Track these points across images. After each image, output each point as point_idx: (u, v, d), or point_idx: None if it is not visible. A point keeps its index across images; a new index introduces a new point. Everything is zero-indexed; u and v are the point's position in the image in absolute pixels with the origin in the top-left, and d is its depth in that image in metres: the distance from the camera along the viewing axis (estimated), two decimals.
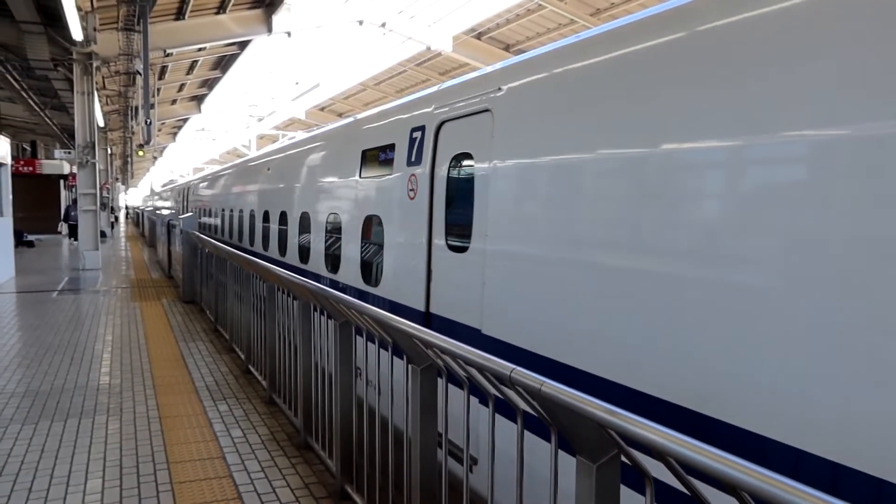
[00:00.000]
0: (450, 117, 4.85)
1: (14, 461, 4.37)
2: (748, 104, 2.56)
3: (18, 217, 17.54)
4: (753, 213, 2.50)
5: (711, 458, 1.36)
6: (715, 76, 2.75)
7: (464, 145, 4.63)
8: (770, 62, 2.49)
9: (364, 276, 6.27)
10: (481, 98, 4.42)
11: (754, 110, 2.53)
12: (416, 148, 5.33)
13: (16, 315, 9.96)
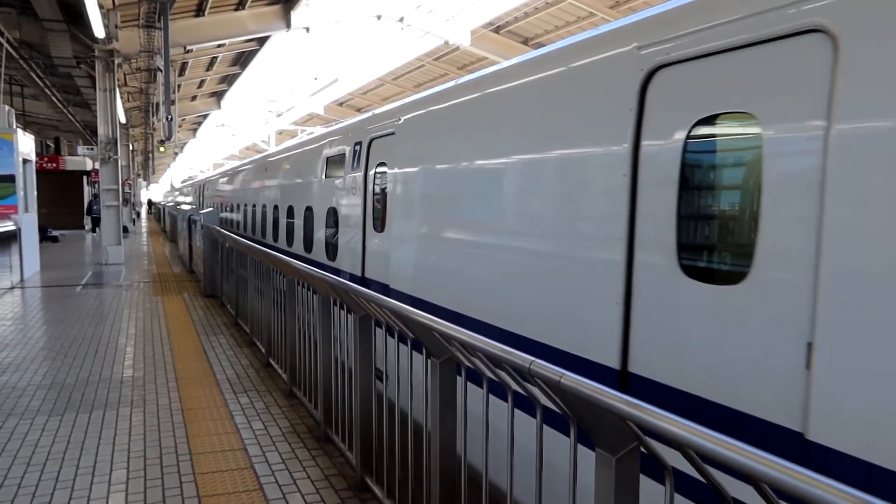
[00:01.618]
0: (376, 136, 6.57)
1: (41, 451, 4.46)
2: (541, 133, 3.97)
3: (43, 213, 17.82)
4: (538, 204, 3.93)
5: (733, 450, 1.35)
6: (518, 114, 4.24)
7: (382, 157, 6.37)
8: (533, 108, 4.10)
9: (327, 253, 8.08)
10: (391, 124, 6.22)
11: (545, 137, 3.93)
12: (357, 157, 7.09)
13: (41, 309, 10.13)
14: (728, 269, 2.70)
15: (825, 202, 2.29)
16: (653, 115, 3.08)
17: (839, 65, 2.24)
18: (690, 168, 2.88)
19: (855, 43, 2.20)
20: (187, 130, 45.88)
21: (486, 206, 4.50)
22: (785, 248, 2.44)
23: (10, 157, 13.96)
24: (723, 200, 2.80)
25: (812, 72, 2.34)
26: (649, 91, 3.11)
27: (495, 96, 4.63)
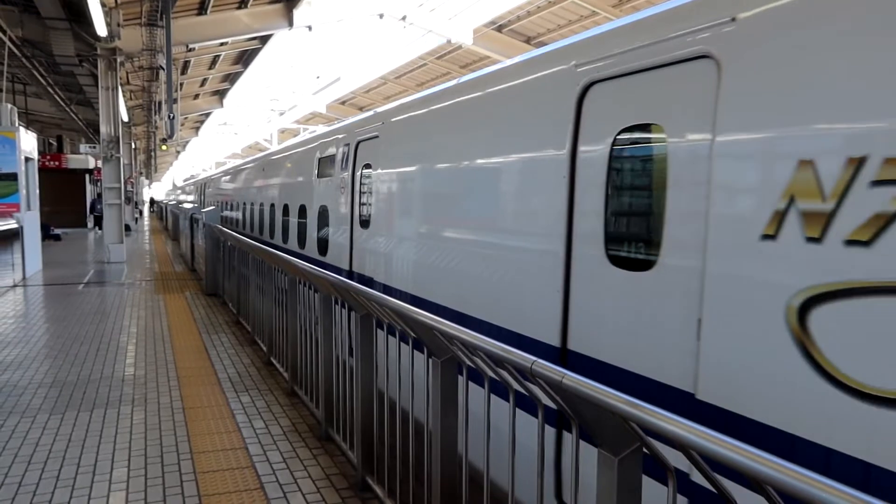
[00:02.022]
0: (362, 139, 6.97)
1: (42, 450, 4.46)
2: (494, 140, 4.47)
3: (45, 211, 17.84)
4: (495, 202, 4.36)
5: (736, 451, 1.34)
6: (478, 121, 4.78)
7: (368, 158, 6.76)
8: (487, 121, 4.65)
9: (318, 249, 8.43)
10: (375, 127, 6.65)
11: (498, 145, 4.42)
12: (345, 158, 7.49)
13: (43, 307, 10.14)
14: (642, 258, 3.11)
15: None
16: (587, 124, 3.52)
17: (721, 84, 2.67)
18: (614, 171, 3.31)
19: (733, 66, 2.63)
20: (190, 129, 45.91)
21: (452, 204, 5.01)
22: (682, 239, 2.85)
23: (13, 155, 13.96)
24: (638, 199, 3.22)
25: (702, 90, 2.76)
26: (584, 103, 3.54)
27: (460, 105, 5.18)
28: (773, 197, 2.41)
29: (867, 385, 2.10)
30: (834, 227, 2.21)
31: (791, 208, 2.35)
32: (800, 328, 2.30)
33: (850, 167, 2.17)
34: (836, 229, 2.20)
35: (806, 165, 2.31)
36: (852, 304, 2.16)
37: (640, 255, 3.13)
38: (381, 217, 6.31)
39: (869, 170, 2.12)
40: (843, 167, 2.19)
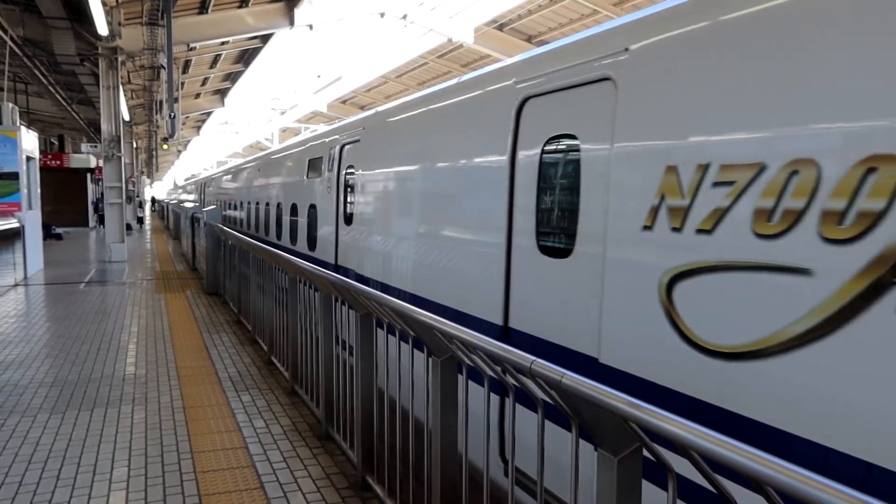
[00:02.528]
0: (346, 142, 7.60)
1: (42, 449, 4.46)
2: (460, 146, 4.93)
3: (46, 210, 17.86)
4: (453, 200, 4.96)
5: (736, 452, 1.33)
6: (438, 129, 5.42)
7: (351, 160, 7.38)
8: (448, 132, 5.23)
9: (308, 244, 8.95)
10: (357, 132, 7.28)
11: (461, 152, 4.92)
12: (331, 160, 8.06)
13: (44, 306, 10.15)
14: (563, 248, 3.64)
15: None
16: (523, 133, 4.08)
17: (617, 101, 3.24)
18: (542, 174, 3.87)
19: (624, 87, 3.22)
20: (191, 128, 45.92)
21: (417, 202, 5.66)
22: (590, 230, 3.41)
23: (14, 154, 13.97)
24: (560, 197, 3.75)
25: (604, 106, 3.34)
26: (522, 115, 4.09)
27: (425, 114, 5.85)
28: (650, 195, 2.97)
29: (711, 343, 2.63)
30: (689, 219, 2.76)
31: (662, 204, 2.91)
32: (667, 301, 2.85)
33: (699, 171, 2.72)
34: (690, 221, 2.75)
35: (671, 170, 2.87)
36: (700, 279, 2.70)
37: (561, 244, 3.66)
38: (360, 214, 6.96)
39: (711, 173, 2.66)
40: (694, 171, 2.75)
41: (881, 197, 2.07)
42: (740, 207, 2.54)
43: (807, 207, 2.30)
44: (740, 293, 2.54)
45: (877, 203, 2.08)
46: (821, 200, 2.26)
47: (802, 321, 2.29)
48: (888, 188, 2.04)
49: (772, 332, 2.41)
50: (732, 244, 2.57)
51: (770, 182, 2.43)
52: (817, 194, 2.27)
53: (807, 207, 2.30)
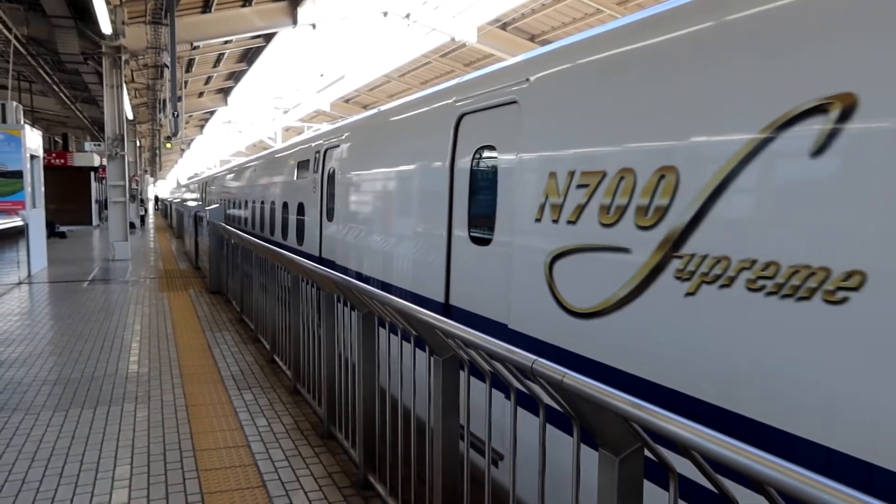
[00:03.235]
0: (328, 147, 8.48)
1: (45, 447, 4.47)
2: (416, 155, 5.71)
3: (50, 209, 17.90)
4: (407, 200, 5.85)
5: (738, 452, 1.33)
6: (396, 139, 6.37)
7: (332, 163, 8.23)
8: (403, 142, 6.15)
9: (297, 239, 9.77)
10: (337, 137, 8.19)
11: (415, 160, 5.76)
12: (316, 163, 8.95)
13: (48, 305, 10.18)
14: (486, 238, 4.43)
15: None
16: (459, 144, 4.90)
17: (521, 120, 4.05)
18: (472, 177, 4.70)
19: (526, 109, 4.04)
20: (194, 127, 45.98)
21: (381, 200, 6.62)
22: (503, 224, 4.19)
23: (18, 152, 14.00)
24: (483, 197, 4.55)
25: (513, 123, 4.15)
26: (459, 129, 4.91)
27: (389, 124, 6.77)
28: (540, 195, 3.77)
29: (573, 306, 3.46)
30: (563, 213, 3.56)
31: (546, 202, 3.71)
32: (549, 276, 3.66)
33: (569, 177, 3.55)
34: (563, 214, 3.56)
35: (552, 175, 3.68)
36: (568, 259, 3.52)
37: (485, 235, 4.44)
38: (339, 211, 7.83)
39: (576, 178, 3.48)
40: (566, 177, 3.57)
41: (666, 196, 2.89)
42: (592, 204, 3.36)
43: (628, 203, 3.12)
44: (591, 268, 3.36)
45: (664, 200, 2.90)
46: (636, 199, 3.07)
47: (625, 286, 3.10)
48: (669, 190, 2.88)
49: (609, 295, 3.21)
50: (587, 231, 3.38)
51: (608, 185, 3.26)
52: (634, 194, 3.08)
53: (628, 203, 3.12)
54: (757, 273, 2.46)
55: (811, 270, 2.28)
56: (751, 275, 2.48)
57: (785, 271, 2.36)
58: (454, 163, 4.93)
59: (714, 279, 2.64)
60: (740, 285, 2.52)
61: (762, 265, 2.45)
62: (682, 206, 2.80)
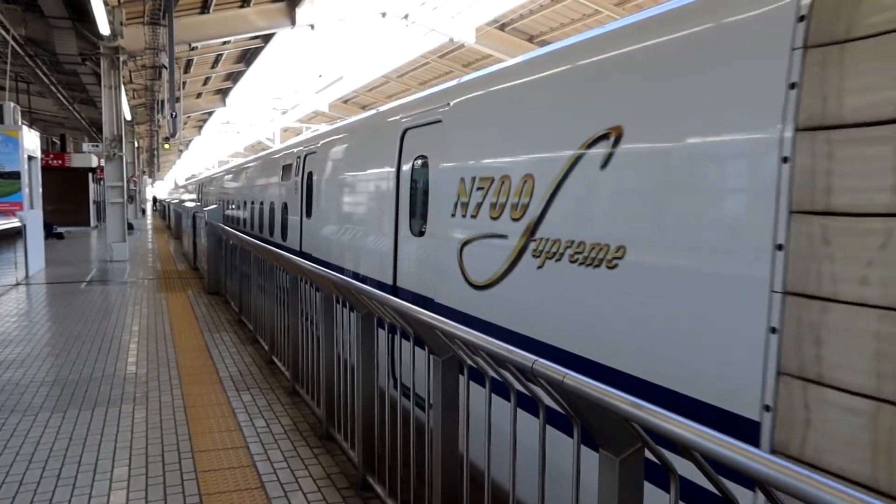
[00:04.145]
0: (308, 152, 9.54)
1: (43, 448, 4.46)
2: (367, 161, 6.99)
3: (48, 209, 17.86)
4: (366, 200, 7.02)
5: (739, 453, 1.33)
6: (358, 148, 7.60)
7: (310, 167, 9.31)
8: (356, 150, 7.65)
9: (282, 235, 10.87)
10: (315, 145, 9.27)
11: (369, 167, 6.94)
12: (297, 167, 10.07)
13: (46, 306, 10.16)
14: (421, 230, 5.39)
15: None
16: (403, 154, 5.92)
17: (445, 135, 5.05)
18: (412, 181, 5.69)
19: (447, 127, 5.05)
20: (192, 128, 45.94)
21: (347, 200, 7.66)
22: (432, 219, 5.18)
23: (16, 153, 13.99)
24: (419, 197, 5.52)
25: (439, 138, 5.16)
26: (404, 141, 5.92)
27: (350, 136, 8.06)
28: (454, 195, 4.76)
29: (475, 281, 4.40)
30: (468, 210, 4.53)
31: (458, 201, 4.70)
32: (460, 259, 4.62)
33: (471, 182, 4.52)
34: (468, 211, 4.52)
35: (461, 180, 4.68)
36: (471, 245, 4.49)
37: (422, 229, 5.38)
38: (315, 209, 8.94)
39: (476, 183, 4.46)
40: (469, 181, 4.56)
41: (527, 196, 3.87)
42: (485, 202, 4.32)
43: (506, 201, 4.08)
44: (484, 251, 4.33)
45: (525, 198, 3.89)
46: (511, 198, 4.04)
47: (504, 263, 4.06)
48: (529, 191, 3.85)
49: (494, 272, 4.18)
50: (482, 224, 4.34)
51: (495, 188, 4.23)
52: (510, 195, 4.05)
53: (506, 201, 4.08)
54: (574, 249, 3.47)
55: (602, 245, 3.27)
56: (571, 250, 3.50)
57: (588, 247, 3.37)
58: (399, 169, 5.94)
59: (552, 255, 3.65)
60: (566, 258, 3.53)
61: (577, 244, 3.46)
62: (536, 203, 3.79)
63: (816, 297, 2.26)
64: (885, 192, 2.10)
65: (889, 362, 2.05)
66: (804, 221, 2.33)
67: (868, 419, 2.08)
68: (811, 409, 2.23)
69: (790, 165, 2.38)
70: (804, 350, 2.28)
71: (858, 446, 2.09)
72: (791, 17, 2.44)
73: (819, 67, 2.33)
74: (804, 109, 2.36)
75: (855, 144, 2.20)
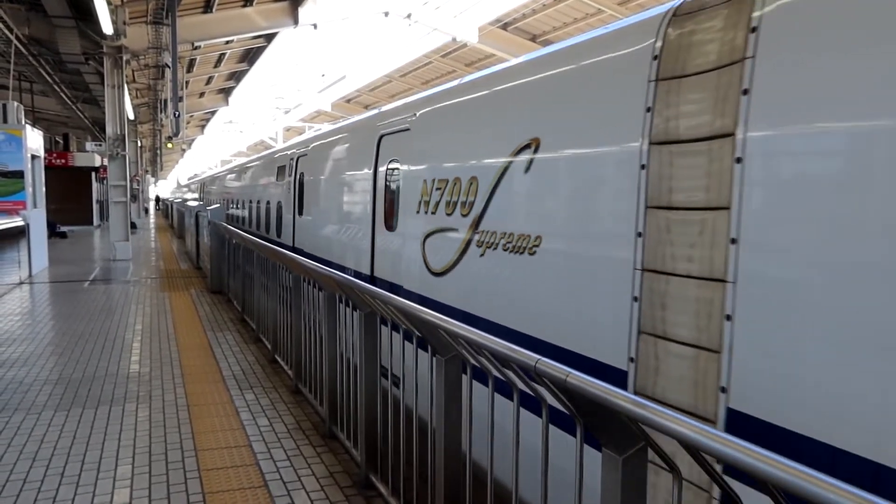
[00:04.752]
0: (299, 155, 10.48)
1: (47, 447, 4.47)
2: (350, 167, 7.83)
3: (51, 209, 17.89)
4: (346, 199, 7.83)
5: (741, 451, 1.33)
6: (339, 152, 8.42)
7: (302, 169, 10.16)
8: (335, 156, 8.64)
9: (277, 232, 11.65)
10: (304, 150, 10.21)
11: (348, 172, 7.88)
12: (290, 168, 10.93)
13: (49, 304, 10.18)
14: (394, 225, 6.06)
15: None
16: (380, 157, 6.63)
17: (412, 141, 5.85)
18: (386, 182, 6.40)
19: (415, 134, 5.82)
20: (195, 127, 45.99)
21: (333, 199, 8.34)
22: (402, 215, 5.85)
23: (19, 152, 14.02)
24: (392, 197, 6.20)
25: (408, 144, 5.92)
26: (380, 146, 6.65)
27: (336, 140, 8.68)
28: (419, 194, 5.47)
29: (435, 269, 5.09)
30: (429, 207, 5.22)
31: (421, 200, 5.42)
32: (423, 250, 5.32)
33: (432, 182, 5.23)
34: (430, 208, 5.21)
35: (424, 181, 5.40)
36: (432, 237, 5.17)
37: (393, 223, 6.08)
38: (306, 208, 9.76)
39: (435, 184, 5.17)
40: (430, 182, 5.28)
41: (473, 195, 4.57)
42: (442, 201, 5.03)
43: (458, 200, 4.80)
44: (441, 243, 5.01)
45: (471, 197, 4.60)
46: (461, 197, 4.75)
47: (456, 253, 4.77)
48: (475, 191, 4.54)
49: (449, 261, 4.87)
50: (440, 219, 5.04)
51: (449, 188, 4.94)
52: (460, 194, 4.75)
53: (458, 200, 4.80)
54: (506, 239, 4.18)
55: (525, 235, 3.97)
56: (504, 241, 4.19)
57: (516, 237, 4.07)
58: (376, 171, 6.65)
59: (490, 245, 4.35)
60: (500, 247, 4.23)
61: (507, 235, 4.16)
62: (479, 201, 4.50)
63: (662, 272, 2.97)
64: (701, 191, 2.76)
65: (703, 318, 2.72)
66: (655, 215, 3.02)
67: (691, 362, 2.76)
68: (659, 358, 2.95)
69: (646, 171, 3.08)
70: (655, 313, 2.99)
71: (686, 383, 2.78)
72: (649, 55, 3.15)
73: (665, 95, 3.01)
74: (655, 127, 3.05)
75: (684, 156, 2.87)
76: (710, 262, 2.70)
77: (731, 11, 2.79)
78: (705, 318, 2.70)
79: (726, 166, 2.66)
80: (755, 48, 2.61)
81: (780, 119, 2.51)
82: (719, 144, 2.71)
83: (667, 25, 3.14)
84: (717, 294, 2.66)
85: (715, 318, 2.67)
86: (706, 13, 2.93)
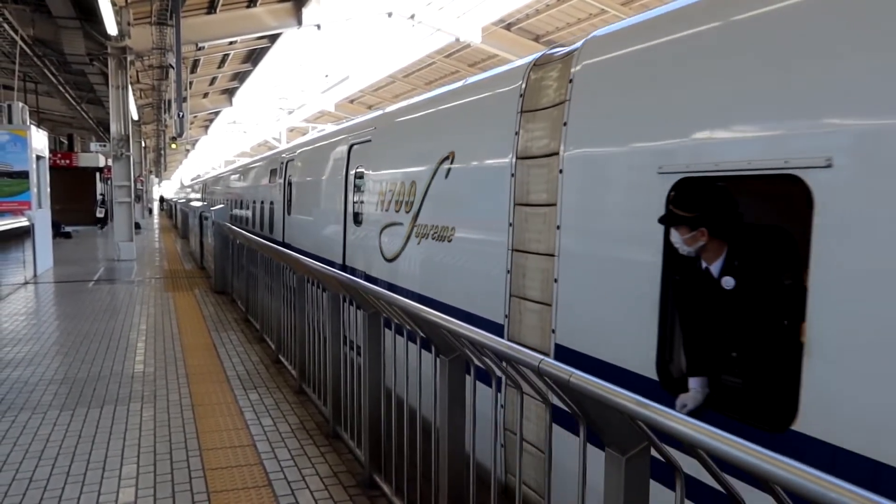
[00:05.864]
0: (287, 160, 11.77)
1: (52, 446, 4.49)
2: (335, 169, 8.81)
3: (56, 209, 17.93)
4: (327, 200, 8.99)
5: (744, 451, 1.33)
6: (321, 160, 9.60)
7: (290, 172, 11.43)
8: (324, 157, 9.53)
9: (270, 229, 12.80)
10: (292, 154, 11.58)
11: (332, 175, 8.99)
12: (280, 171, 12.19)
13: (54, 304, 10.22)
14: (361, 221, 7.21)
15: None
16: (350, 164, 7.80)
17: (372, 150, 7.23)
18: (355, 185, 7.54)
19: (375, 144, 7.14)
20: (199, 127, 46.08)
21: (314, 199, 9.58)
22: (367, 212, 7.06)
23: (24, 153, 14.06)
24: (358, 198, 7.40)
25: (371, 153, 7.23)
26: (350, 155, 7.82)
27: (317, 148, 9.87)
28: (377, 194, 6.61)
29: (387, 257, 6.26)
30: (384, 205, 6.40)
31: (378, 199, 6.59)
32: (380, 242, 6.41)
33: (388, 184, 6.38)
34: (386, 206, 6.33)
35: (381, 183, 6.58)
36: (386, 230, 6.30)
37: (360, 220, 7.21)
38: (293, 206, 11.04)
39: (389, 187, 6.34)
40: (386, 185, 6.43)
41: (412, 195, 5.70)
42: (393, 200, 6.14)
43: (402, 199, 5.90)
44: (392, 235, 6.07)
45: (412, 197, 5.70)
46: (406, 197, 5.83)
47: (402, 242, 5.84)
48: (414, 192, 5.68)
49: (397, 249, 5.96)
50: (391, 215, 6.12)
51: (397, 189, 6.06)
52: (404, 194, 5.83)
53: (402, 199, 5.90)
54: (432, 230, 5.34)
55: (446, 227, 5.15)
56: (432, 231, 5.34)
57: (440, 228, 5.22)
58: (347, 175, 7.83)
59: (424, 235, 5.48)
60: (430, 237, 5.37)
61: (434, 226, 5.33)
62: (417, 200, 5.62)
63: (524, 251, 4.09)
64: (544, 193, 3.96)
65: (544, 283, 3.87)
66: (520, 210, 4.18)
67: (539, 314, 3.92)
68: (522, 314, 4.09)
69: (515, 178, 4.24)
70: (519, 281, 4.13)
71: (536, 330, 3.93)
72: (518, 93, 4.34)
73: (526, 123, 4.21)
74: (520, 146, 4.24)
75: (536, 167, 4.06)
76: (547, 243, 3.86)
77: (563, 65, 3.97)
78: (545, 283, 3.85)
79: (555, 175, 3.82)
80: (570, 94, 3.77)
81: (581, 143, 3.67)
82: (552, 160, 3.86)
83: (529, 71, 4.31)
84: (550, 265, 3.80)
85: (549, 282, 3.80)
86: (551, 65, 4.15)
